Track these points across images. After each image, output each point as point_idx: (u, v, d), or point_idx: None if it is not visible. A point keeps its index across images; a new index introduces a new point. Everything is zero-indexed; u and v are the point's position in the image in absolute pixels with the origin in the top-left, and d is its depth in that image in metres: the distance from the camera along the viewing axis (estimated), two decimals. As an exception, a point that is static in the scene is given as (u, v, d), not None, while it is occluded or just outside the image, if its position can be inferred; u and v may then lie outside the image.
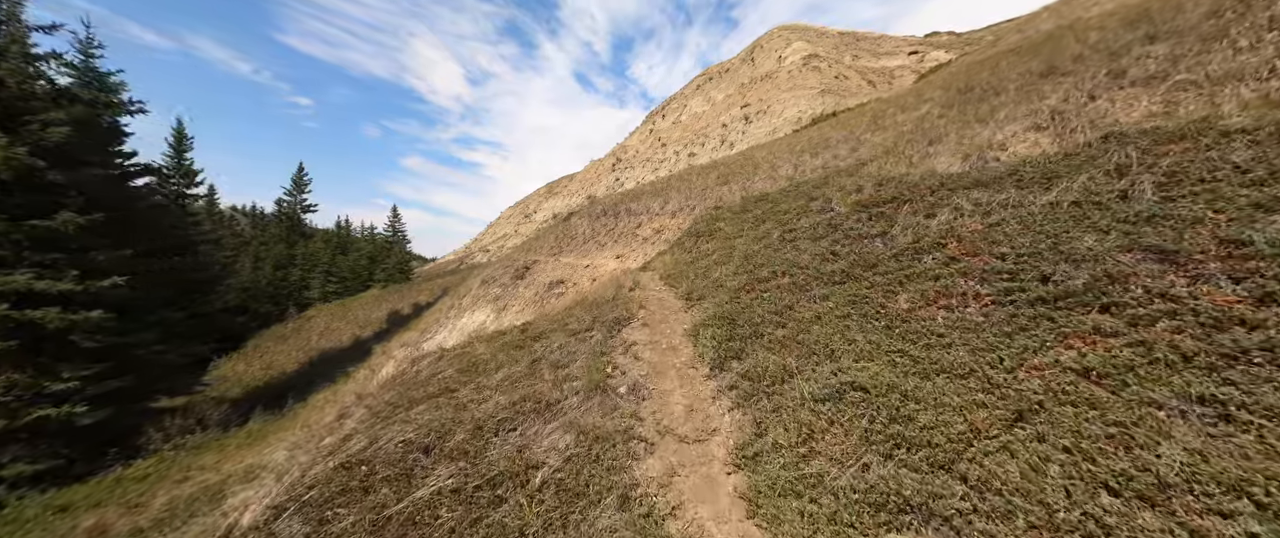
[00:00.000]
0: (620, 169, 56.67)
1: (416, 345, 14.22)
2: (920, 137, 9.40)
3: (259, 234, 45.20)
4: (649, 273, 10.06)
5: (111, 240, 12.67)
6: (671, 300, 7.12)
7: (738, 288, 6.35)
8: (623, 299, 6.95)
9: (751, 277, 6.56)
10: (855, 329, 4.25)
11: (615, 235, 15.87)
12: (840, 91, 41.68)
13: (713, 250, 9.26)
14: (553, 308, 12.60)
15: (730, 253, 8.34)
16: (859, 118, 17.05)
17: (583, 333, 6.01)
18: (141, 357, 13.21)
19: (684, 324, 5.96)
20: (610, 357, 4.93)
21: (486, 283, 15.93)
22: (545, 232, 19.82)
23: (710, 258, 8.67)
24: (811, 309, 4.97)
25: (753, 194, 13.66)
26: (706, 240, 10.68)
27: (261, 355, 24.59)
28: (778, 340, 4.57)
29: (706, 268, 8.02)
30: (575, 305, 8.34)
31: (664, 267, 9.77)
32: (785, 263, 6.54)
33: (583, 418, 3.65)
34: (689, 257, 9.74)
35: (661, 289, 7.89)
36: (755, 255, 7.49)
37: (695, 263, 8.84)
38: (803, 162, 14.55)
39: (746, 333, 4.94)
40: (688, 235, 12.15)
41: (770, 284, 6.08)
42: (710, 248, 9.55)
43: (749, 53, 55.47)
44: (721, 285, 6.77)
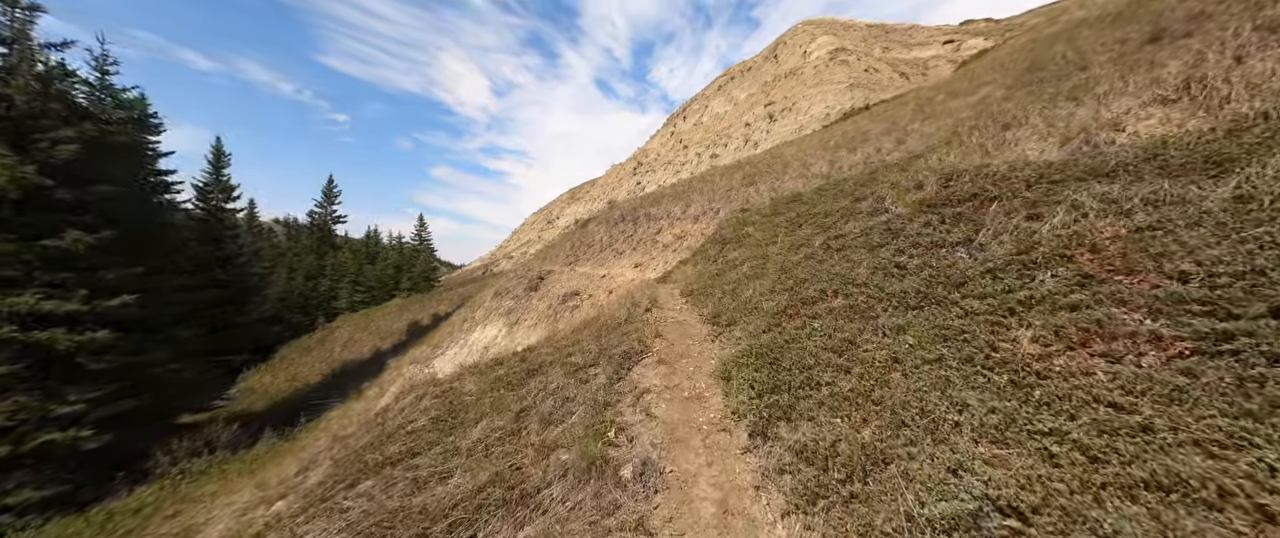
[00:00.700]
0: (641, 172, 55.62)
1: (426, 362, 13.42)
2: (988, 122, 7.88)
3: (293, 246, 46.21)
4: (669, 286, 8.85)
5: (124, 258, 12.32)
6: (694, 324, 5.89)
7: (777, 311, 5.07)
8: (636, 323, 5.77)
9: (793, 296, 5.27)
10: (961, 384, 2.93)
11: (634, 242, 14.73)
12: (870, 85, 39.52)
13: (742, 260, 7.97)
14: (564, 325, 11.55)
15: (763, 264, 7.05)
16: (899, 108, 15.40)
17: (586, 369, 4.86)
18: (157, 375, 12.85)
19: (711, 360, 4.73)
20: (615, 409, 3.75)
21: (500, 295, 15.04)
22: (561, 239, 18.85)
23: (739, 270, 7.40)
24: (884, 347, 3.67)
25: (783, 195, 12.30)
26: (734, 248, 9.39)
27: (288, 367, 24.54)
28: (842, 395, 3.29)
29: (735, 283, 6.75)
30: (583, 328, 7.21)
31: (686, 280, 8.53)
32: (835, 278, 5.22)
33: (566, 526, 2.49)
34: (714, 268, 8.48)
35: (682, 309, 6.67)
36: (795, 268, 6.18)
37: (721, 276, 7.58)
38: (839, 158, 13.07)
39: (795, 380, 3.67)
40: (712, 242, 10.89)
41: (819, 307, 4.78)
42: (738, 257, 8.27)
43: (772, 50, 53.62)
44: (755, 307, 5.50)
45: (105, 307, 11.48)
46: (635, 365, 4.53)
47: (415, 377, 13.21)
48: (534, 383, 5.01)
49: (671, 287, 8.69)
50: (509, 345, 12.31)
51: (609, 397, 3.94)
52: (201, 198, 37.99)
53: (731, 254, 8.84)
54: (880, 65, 42.21)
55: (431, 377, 6.85)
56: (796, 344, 4.17)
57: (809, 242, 6.94)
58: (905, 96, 20.44)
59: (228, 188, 38.88)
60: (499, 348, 12.46)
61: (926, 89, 17.65)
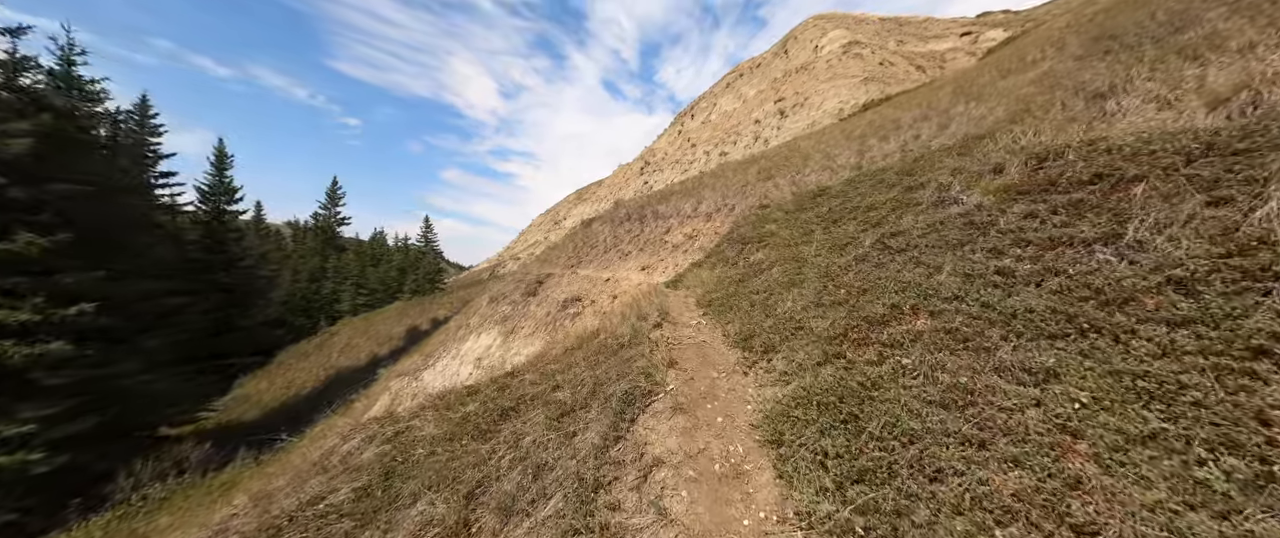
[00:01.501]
0: (649, 172, 54.30)
1: (414, 375, 12.21)
2: (1070, 93, 6.44)
3: (298, 248, 45.51)
4: (681, 293, 7.51)
5: (85, 261, 11.23)
6: (718, 347, 4.54)
7: (834, 335, 3.71)
8: (643, 346, 4.43)
9: (852, 313, 3.90)
10: (1220, 498, 1.56)
11: (641, 243, 13.40)
12: (886, 79, 37.84)
13: (769, 263, 6.60)
14: (563, 336, 10.24)
15: (798, 268, 5.68)
16: (934, 93, 13.91)
17: (574, 414, 3.55)
18: (125, 388, 11.75)
19: (746, 404, 3.38)
20: (610, 496, 2.42)
21: (495, 301, 13.78)
22: (564, 240, 17.57)
23: (768, 275, 6.03)
24: (1033, 403, 2.30)
25: (807, 188, 10.91)
26: (756, 248, 8.02)
27: (284, 373, 23.56)
28: (995, 500, 1.92)
29: (766, 292, 5.39)
30: (580, 346, 5.89)
31: (702, 286, 7.18)
32: (909, 289, 3.85)
33: None
34: (735, 272, 7.12)
35: (701, 324, 5.32)
36: (843, 273, 4.81)
37: (746, 283, 6.22)
38: (869, 147, 11.63)
39: (899, 459, 2.30)
40: (729, 241, 9.53)
41: (896, 330, 3.41)
42: (764, 259, 6.90)
43: (782, 46, 52.01)
44: (800, 326, 4.14)
45: (62, 315, 10.38)
46: (641, 413, 3.20)
47: (400, 392, 12.00)
48: (505, 431, 3.70)
49: (684, 294, 7.34)
50: (502, 357, 11.04)
51: (601, 471, 2.61)
52: (204, 200, 37.41)
53: (755, 256, 7.47)
54: (895, 58, 40.49)
55: (386, 414, 5.53)
56: (880, 391, 2.80)
57: (856, 240, 5.56)
58: (933, 84, 18.89)
59: (230, 190, 38.18)
60: (492, 360, 11.21)
61: (968, 71, 16.10)
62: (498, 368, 10.76)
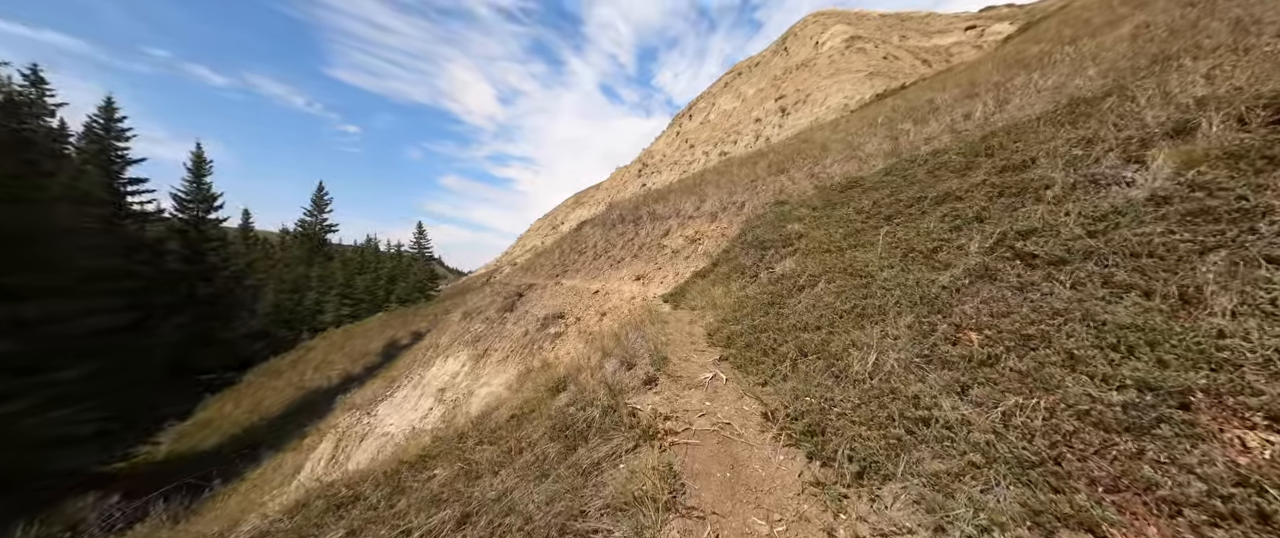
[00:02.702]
0: (647, 174, 52.43)
1: (368, 409, 10.23)
2: (1235, 29, 4.51)
3: (284, 256, 43.50)
4: (685, 316, 5.56)
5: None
6: (756, 441, 2.56)
7: (1033, 457, 1.75)
8: (622, 433, 2.47)
9: (1040, 389, 1.96)
10: None
11: (635, 248, 11.46)
12: (891, 73, 36.05)
13: (807, 275, 4.65)
14: (542, 359, 8.28)
15: (862, 286, 3.73)
16: (971, 72, 12.04)
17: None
18: (14, 432, 9.71)
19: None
20: None
21: (469, 317, 11.80)
22: (552, 246, 15.61)
23: (813, 295, 4.08)
24: None
25: (832, 180, 9.02)
26: (782, 254, 6.08)
27: (253, 393, 21.53)
28: None
29: (817, 325, 3.42)
30: (536, 407, 3.93)
31: (713, 308, 5.21)
32: (1139, 340, 1.92)
33: None
34: (759, 288, 5.15)
35: (717, 376, 3.35)
36: (955, 299, 2.87)
37: (780, 306, 4.25)
38: (902, 132, 9.73)
39: None
40: (743, 246, 7.58)
41: (1184, 446, 1.47)
42: (798, 271, 4.94)
43: (781, 43, 50.32)
44: (927, 414, 2.18)
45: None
46: None
47: (348, 432, 10.01)
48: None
49: (689, 317, 5.39)
50: (469, 388, 9.06)
51: None
52: (181, 208, 35.45)
53: (783, 265, 5.52)
54: (900, 53, 38.74)
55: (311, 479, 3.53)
56: None
57: (949, 244, 3.61)
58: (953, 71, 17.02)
59: (209, 197, 36.24)
60: (457, 391, 9.22)
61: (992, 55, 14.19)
62: (461, 403, 8.80)
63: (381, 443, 8.40)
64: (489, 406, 7.66)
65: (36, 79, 36.20)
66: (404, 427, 8.76)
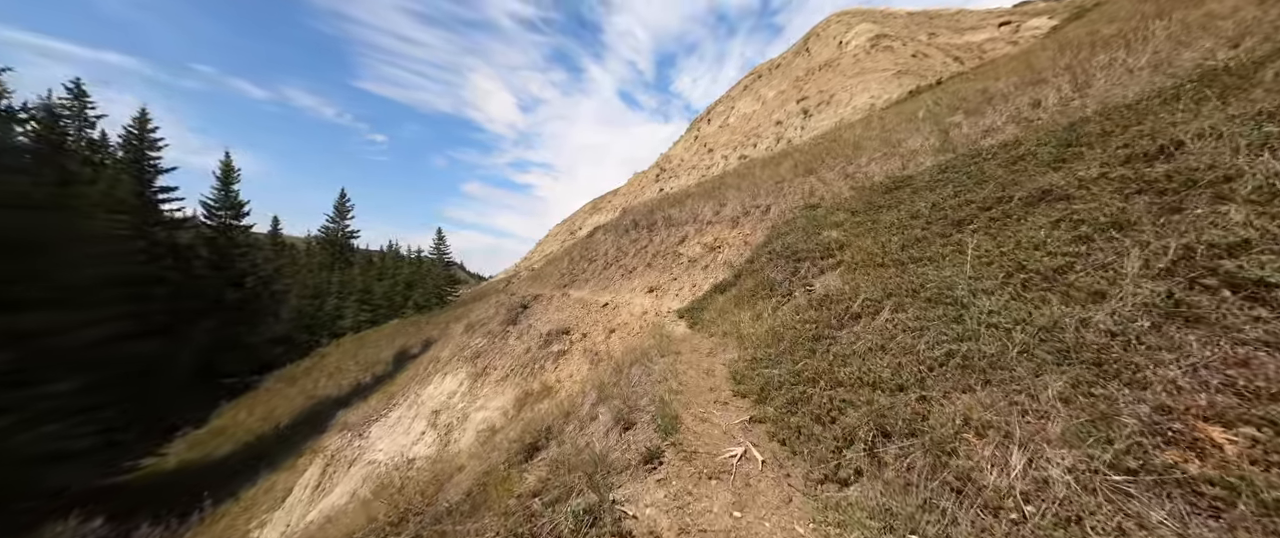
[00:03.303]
0: (664, 179, 51.48)
1: (360, 430, 9.47)
2: None
3: (308, 262, 44.04)
4: (704, 342, 4.53)
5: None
6: None
7: None
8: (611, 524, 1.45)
9: None
10: None
11: (649, 256, 10.45)
12: (920, 71, 34.30)
13: (862, 298, 3.55)
14: (541, 382, 7.33)
15: (955, 313, 2.65)
16: (1029, 60, 10.68)
17: None
18: (8, 449, 9.27)
19: None
20: None
21: (471, 330, 10.98)
22: (562, 254, 14.73)
23: (879, 328, 3.00)
24: None
25: (871, 180, 7.87)
26: (820, 266, 4.99)
27: (267, 400, 21.28)
28: None
29: (896, 383, 2.35)
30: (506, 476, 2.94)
31: (739, 340, 4.13)
32: None
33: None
34: (795, 313, 4.06)
35: (749, 452, 2.30)
36: (1209, 380, 1.78)
37: (829, 342, 3.17)
38: (952, 125, 8.51)
39: None
40: (771, 256, 6.49)
41: None
42: (847, 291, 3.85)
43: (803, 44, 48.86)
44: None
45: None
46: None
47: (337, 456, 9.25)
48: None
49: (707, 345, 4.35)
50: (464, 412, 8.19)
51: None
52: (210, 215, 36.12)
53: (823, 282, 4.43)
54: (930, 50, 36.91)
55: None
56: None
57: (1093, 262, 2.51)
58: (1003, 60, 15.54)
59: (236, 205, 36.83)
60: (453, 414, 8.35)
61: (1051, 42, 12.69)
62: (454, 429, 7.92)
63: (367, 472, 7.59)
64: (479, 437, 6.74)
65: (79, 93, 37.57)
66: (393, 453, 7.93)
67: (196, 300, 32.53)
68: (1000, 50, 35.70)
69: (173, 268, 31.73)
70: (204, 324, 32.37)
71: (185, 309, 30.67)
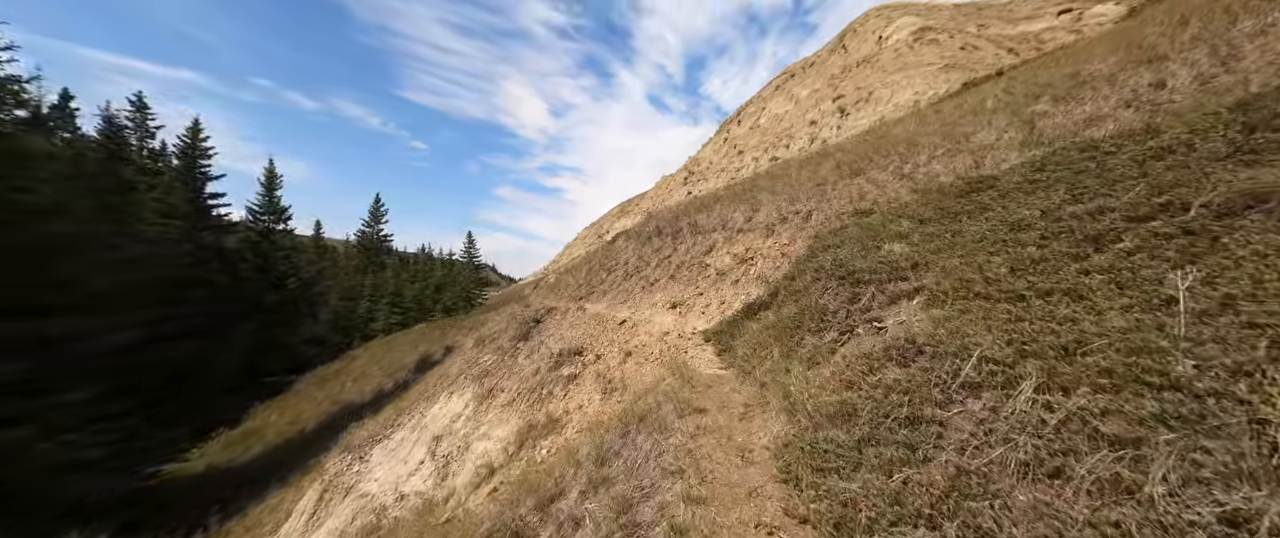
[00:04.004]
0: (692, 182, 50.23)
1: (361, 453, 8.83)
2: None
3: (346, 264, 45.27)
4: (731, 384, 3.47)
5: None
6: None
7: None
8: None
9: None
10: None
11: (672, 267, 9.40)
12: (969, 65, 31.80)
13: (978, 362, 2.40)
14: (547, 413, 6.41)
15: (1176, 416, 1.51)
16: (1129, 37, 9.01)
17: None
18: (31, 458, 9.15)
19: None
20: None
21: (481, 344, 10.22)
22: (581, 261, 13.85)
23: (1040, 437, 1.86)
24: None
25: (937, 182, 6.58)
26: (889, 293, 3.83)
27: (296, 403, 21.45)
28: None
29: None
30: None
31: (780, 389, 3.01)
32: None
33: None
34: (874, 377, 2.91)
35: None
36: None
37: (936, 447, 2.04)
38: (1037, 115, 7.10)
39: None
40: (816, 273, 5.32)
41: None
42: (937, 336, 2.70)
43: (839, 41, 46.65)
44: None
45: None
46: None
47: (335, 481, 8.62)
48: None
49: (741, 396, 3.28)
50: (465, 441, 7.37)
51: None
52: (254, 220, 37.50)
53: (899, 321, 3.27)
54: (980, 42, 34.27)
55: None
56: None
57: None
58: (1080, 45, 13.65)
59: (279, 210, 38.13)
60: (453, 443, 7.54)
61: (1152, 12, 10.82)
62: (454, 460, 7.10)
63: (358, 507, 6.88)
64: (476, 475, 5.86)
65: (140, 105, 39.85)
66: (387, 485, 7.19)
67: (239, 302, 33.65)
68: (1061, 40, 32.69)
69: (219, 270, 32.91)
70: (246, 326, 33.44)
71: (229, 311, 31.78)
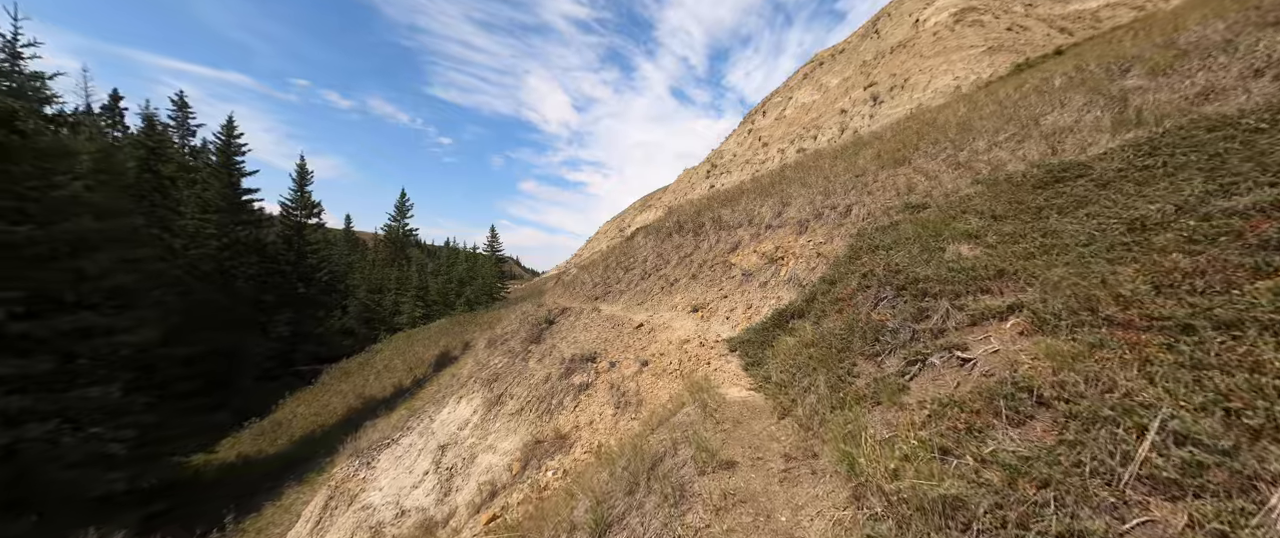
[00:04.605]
0: (715, 175, 48.99)
1: (369, 458, 8.45)
2: None
3: (376, 257, 46.14)
4: (767, 415, 2.74)
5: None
6: None
7: None
8: None
9: None
10: None
11: (694, 266, 8.65)
12: (1016, 47, 29.64)
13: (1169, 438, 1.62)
14: (555, 427, 5.82)
15: None
16: None
17: None
18: (56, 456, 9.17)
19: None
20: None
21: (493, 346, 9.73)
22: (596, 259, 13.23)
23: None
24: None
25: (1006, 171, 5.62)
26: (972, 312, 2.98)
27: (323, 395, 21.71)
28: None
29: None
30: None
31: (844, 454, 2.24)
32: None
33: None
34: (998, 464, 2.15)
35: None
36: None
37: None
38: (1128, 91, 6.02)
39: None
40: (860, 279, 4.50)
41: None
42: (1079, 391, 1.90)
43: (871, 25, 44.40)
44: None
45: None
46: None
47: (340, 489, 8.27)
48: None
49: (782, 446, 2.56)
50: (471, 453, 6.87)
51: None
52: (286, 214, 38.46)
53: (993, 351, 2.46)
54: (1028, 22, 31.88)
55: None
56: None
57: None
58: (1164, 14, 12.11)
59: (310, 204, 38.95)
60: (458, 454, 7.05)
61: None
62: (458, 473, 6.61)
63: (359, 521, 6.47)
64: (479, 491, 5.32)
65: (181, 104, 41.30)
66: (390, 497, 6.76)
67: (273, 295, 34.52)
68: (1122, 17, 30.01)
69: (255, 263, 33.77)
70: (279, 317, 34.34)
71: (264, 302, 32.68)
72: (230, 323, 26.33)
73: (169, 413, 12.57)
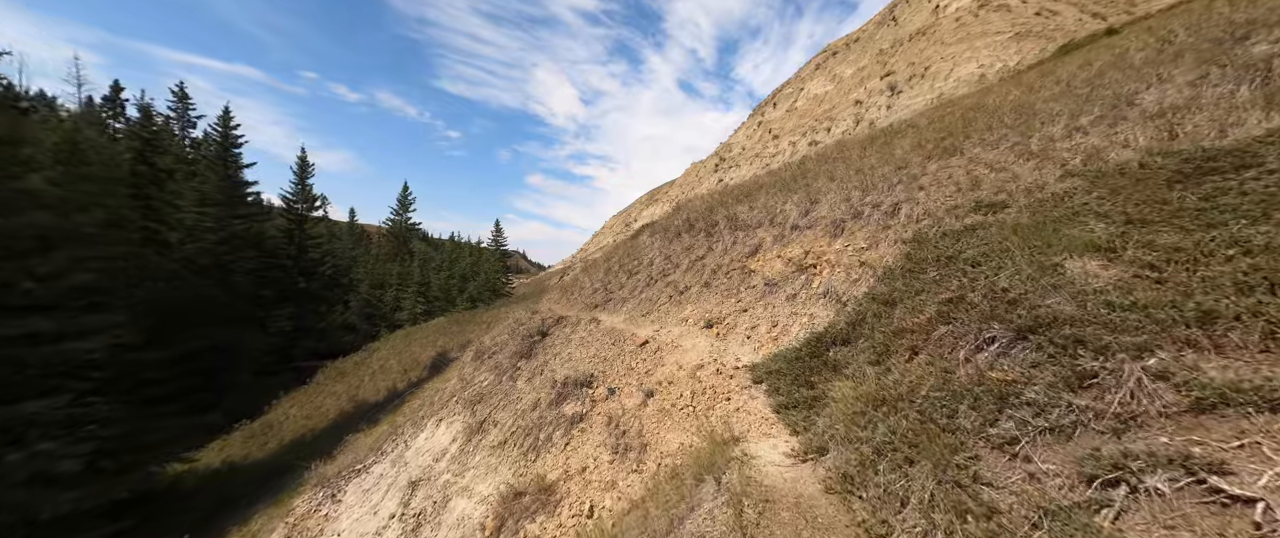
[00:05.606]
0: (724, 169, 47.51)
1: (335, 488, 7.37)
2: None
3: (378, 251, 45.35)
4: (833, 506, 1.59)
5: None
6: None
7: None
8: None
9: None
10: None
11: (707, 271, 7.47)
12: (1046, 32, 27.87)
13: None
14: (537, 473, 4.71)
15: None
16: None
17: None
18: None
19: None
20: None
21: (480, 359, 8.63)
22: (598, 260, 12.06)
23: None
24: None
25: (1121, 161, 4.28)
26: (1178, 378, 1.74)
27: (316, 396, 20.87)
28: None
29: None
30: None
31: None
32: None
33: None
34: None
35: None
36: None
37: None
38: (1248, 56, 4.69)
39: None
40: (938, 305, 3.38)
41: None
42: None
43: (888, 12, 42.53)
44: None
45: None
46: None
47: (301, 524, 7.25)
48: None
49: None
50: (443, 493, 5.80)
51: None
52: (288, 207, 37.64)
53: None
54: (1059, 6, 30.05)
55: None
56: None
57: None
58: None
59: (311, 197, 38.09)
60: (430, 494, 5.98)
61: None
62: (426, 521, 5.55)
63: (309, 575, 5.47)
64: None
65: (181, 96, 40.43)
66: None
67: (272, 290, 33.70)
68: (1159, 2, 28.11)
69: (253, 258, 32.90)
70: (279, 313, 33.53)
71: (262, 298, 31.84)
72: (227, 319, 25.52)
73: (144, 420, 11.71)
